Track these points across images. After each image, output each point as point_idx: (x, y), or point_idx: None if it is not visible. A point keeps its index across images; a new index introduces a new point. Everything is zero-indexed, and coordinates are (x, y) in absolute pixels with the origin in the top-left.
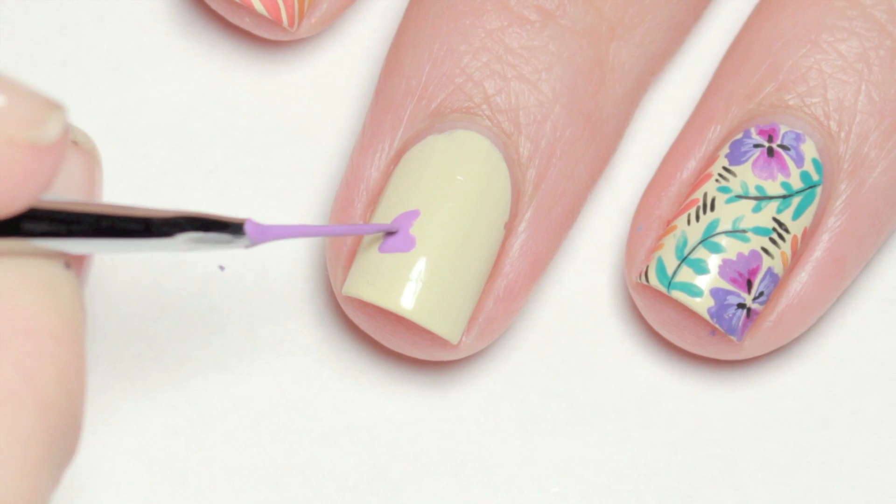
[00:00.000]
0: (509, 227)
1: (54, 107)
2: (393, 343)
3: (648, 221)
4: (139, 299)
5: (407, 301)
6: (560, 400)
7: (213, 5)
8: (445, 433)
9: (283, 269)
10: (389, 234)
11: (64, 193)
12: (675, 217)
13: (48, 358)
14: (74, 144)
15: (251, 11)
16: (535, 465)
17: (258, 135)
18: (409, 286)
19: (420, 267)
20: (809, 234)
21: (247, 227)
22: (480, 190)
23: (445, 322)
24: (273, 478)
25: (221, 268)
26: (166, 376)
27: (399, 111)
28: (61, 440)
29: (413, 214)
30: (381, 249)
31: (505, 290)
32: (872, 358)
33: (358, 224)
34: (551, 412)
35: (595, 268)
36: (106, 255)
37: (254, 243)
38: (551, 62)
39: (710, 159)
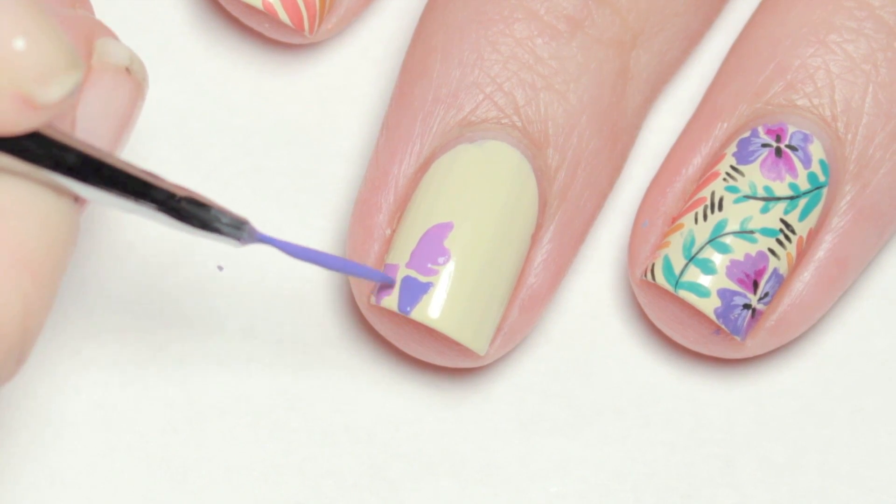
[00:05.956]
0: (534, 238)
1: (71, 66)
2: (418, 352)
3: (654, 217)
4: (139, 299)
5: (435, 311)
6: (559, 399)
7: (233, 10)
8: (444, 432)
9: (282, 269)
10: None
11: (102, 119)
12: (682, 215)
13: (15, 291)
14: (127, 72)
15: (275, 20)
16: (533, 465)
17: (257, 135)
18: (438, 297)
19: (449, 278)
20: (813, 235)
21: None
22: (511, 201)
23: (473, 333)
24: (271, 476)
25: (220, 268)
26: (165, 375)
27: (428, 118)
28: None
29: (447, 227)
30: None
31: (529, 300)
32: (872, 357)
33: (357, 264)
34: (550, 412)
35: (593, 267)
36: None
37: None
38: (579, 73)
39: (717, 157)
